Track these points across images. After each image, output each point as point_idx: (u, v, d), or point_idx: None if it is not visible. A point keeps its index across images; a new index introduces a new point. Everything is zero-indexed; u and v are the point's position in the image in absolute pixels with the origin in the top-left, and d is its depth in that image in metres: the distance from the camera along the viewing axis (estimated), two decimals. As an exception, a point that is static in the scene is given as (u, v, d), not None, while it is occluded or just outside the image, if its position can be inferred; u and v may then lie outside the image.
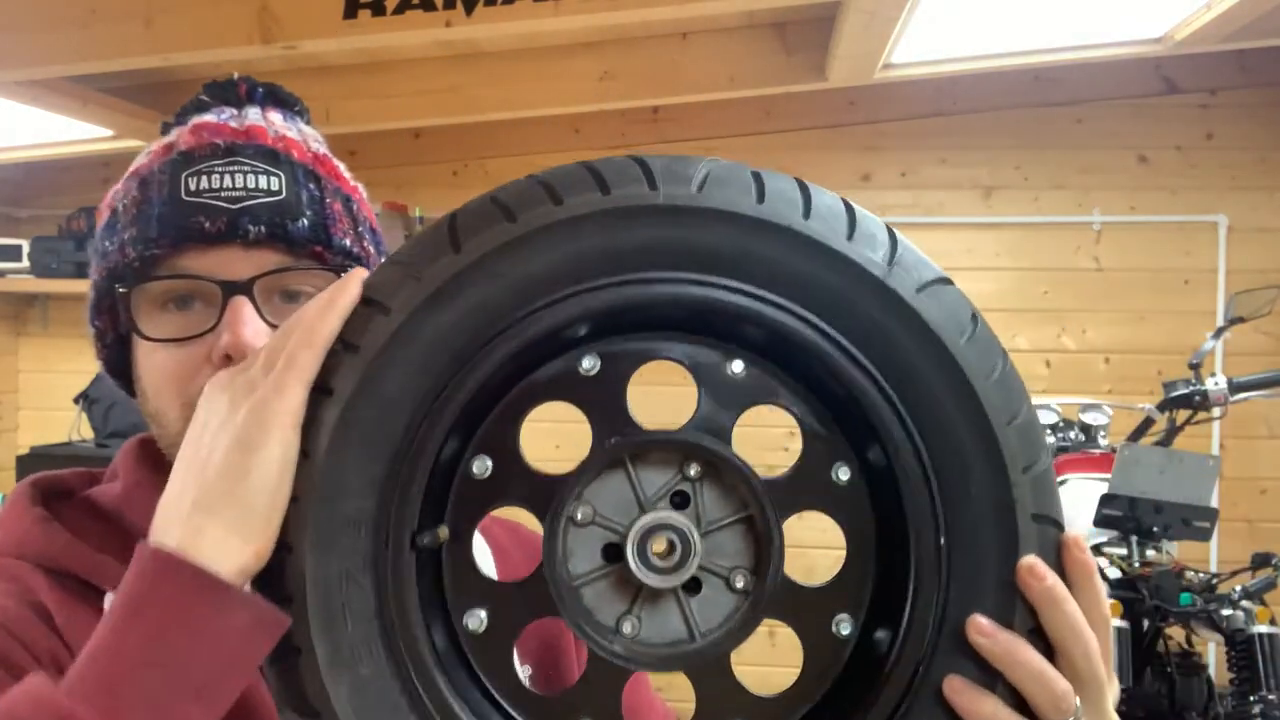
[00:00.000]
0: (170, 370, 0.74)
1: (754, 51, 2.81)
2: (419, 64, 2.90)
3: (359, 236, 0.80)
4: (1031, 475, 0.57)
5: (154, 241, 0.73)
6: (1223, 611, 1.98)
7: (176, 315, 0.74)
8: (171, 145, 0.77)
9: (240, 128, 0.78)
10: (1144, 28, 2.67)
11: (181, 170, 0.74)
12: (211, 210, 0.73)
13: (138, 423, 3.07)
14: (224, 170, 0.74)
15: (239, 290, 0.72)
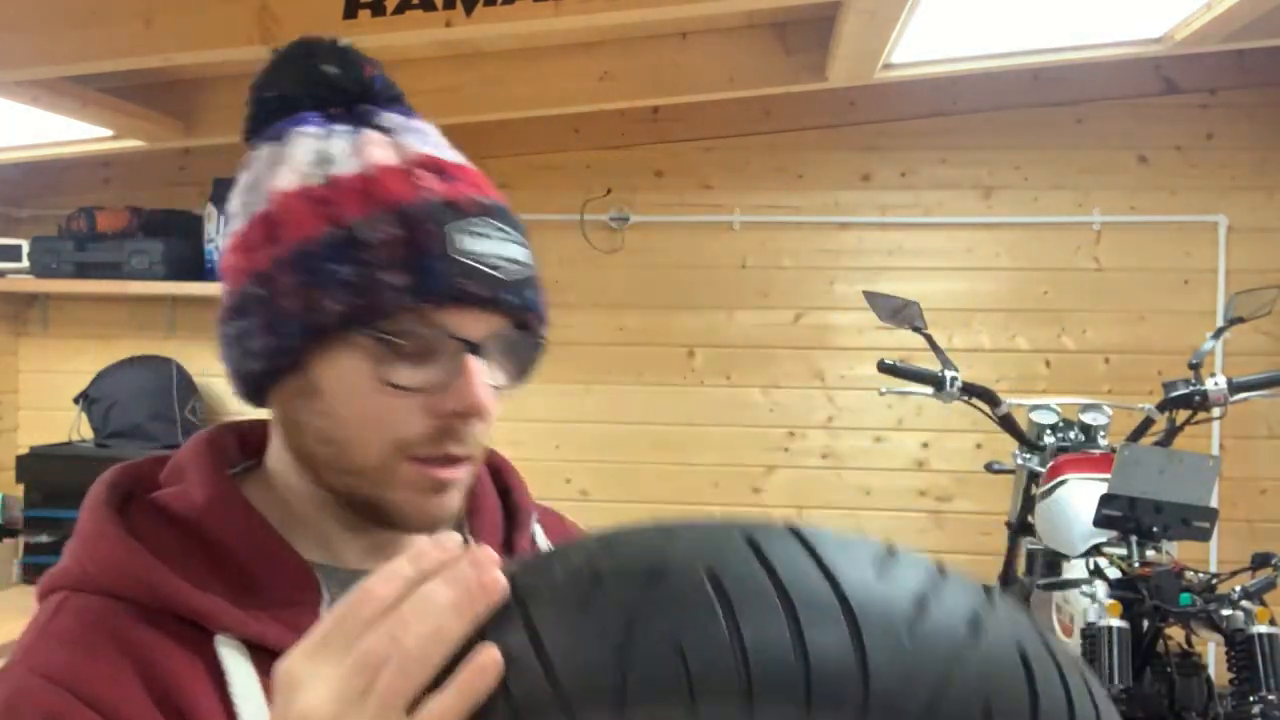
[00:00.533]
0: (385, 412, 0.73)
1: (754, 51, 2.81)
2: (419, 64, 2.90)
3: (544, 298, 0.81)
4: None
5: (428, 296, 0.71)
6: (1222, 611, 1.97)
7: (405, 358, 0.73)
8: (408, 176, 0.74)
9: (458, 165, 0.79)
10: (1144, 28, 2.67)
11: (449, 223, 0.73)
12: (482, 277, 0.73)
13: (138, 423, 3.09)
14: (485, 233, 0.75)
15: (478, 351, 0.73)
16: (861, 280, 3.28)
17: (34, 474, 3.26)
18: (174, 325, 3.64)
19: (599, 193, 3.53)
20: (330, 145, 0.76)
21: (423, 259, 0.71)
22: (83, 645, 0.70)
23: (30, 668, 0.69)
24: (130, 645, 0.70)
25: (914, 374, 2.60)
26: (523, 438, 3.50)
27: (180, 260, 3.36)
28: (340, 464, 0.75)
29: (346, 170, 0.74)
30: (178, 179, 3.64)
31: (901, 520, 3.47)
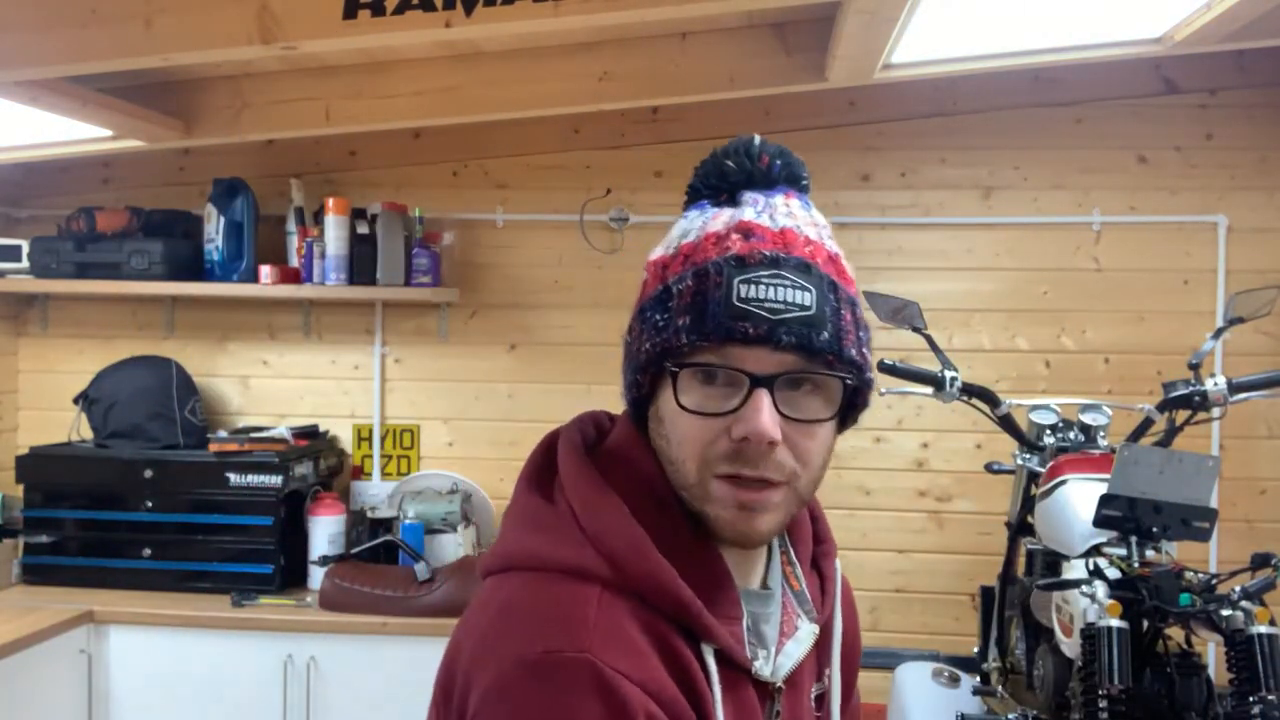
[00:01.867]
0: (695, 434, 0.87)
1: (753, 52, 2.81)
2: (419, 64, 2.90)
3: (859, 343, 0.90)
4: None
5: (706, 335, 0.85)
6: (1222, 612, 1.97)
7: (705, 388, 0.87)
8: (720, 239, 0.88)
9: (776, 230, 0.89)
10: (1144, 28, 2.67)
11: (735, 275, 0.86)
12: (756, 318, 0.84)
13: (138, 423, 3.11)
14: (769, 282, 0.86)
15: (763, 384, 0.84)
16: (861, 280, 3.25)
17: (33, 474, 3.26)
18: (173, 325, 3.64)
19: (599, 193, 3.53)
20: (692, 223, 0.92)
21: (705, 304, 0.86)
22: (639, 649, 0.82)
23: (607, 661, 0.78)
24: (667, 651, 0.83)
25: (914, 374, 2.60)
26: (523, 438, 3.50)
27: (180, 260, 3.36)
28: (678, 481, 0.89)
29: (687, 240, 0.91)
30: (177, 179, 3.64)
31: (901, 520, 3.47)
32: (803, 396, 0.87)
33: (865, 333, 0.92)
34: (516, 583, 0.86)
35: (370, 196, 3.49)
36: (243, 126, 2.99)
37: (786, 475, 0.87)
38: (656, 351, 0.88)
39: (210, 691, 2.99)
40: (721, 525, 0.88)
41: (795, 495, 0.89)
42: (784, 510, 0.89)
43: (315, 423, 3.56)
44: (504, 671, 0.78)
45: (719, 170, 0.95)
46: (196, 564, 3.19)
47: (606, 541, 0.85)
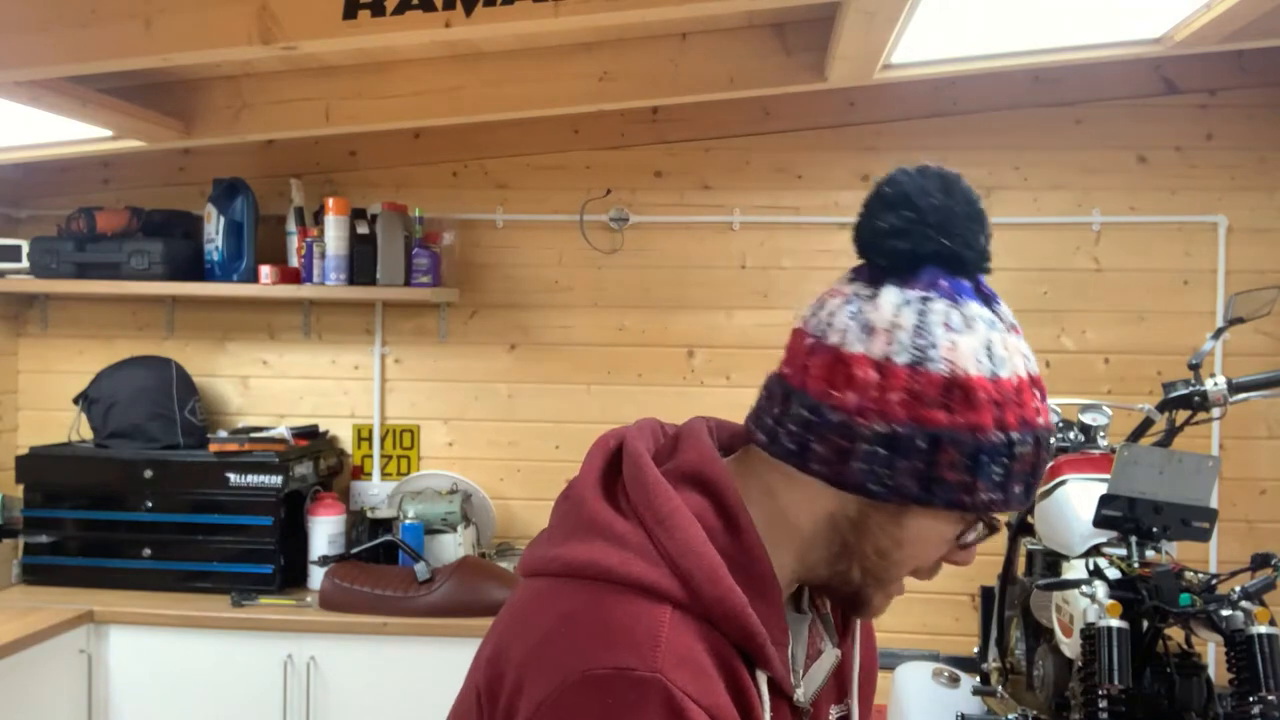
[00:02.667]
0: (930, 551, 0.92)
1: (753, 52, 2.81)
2: (419, 64, 2.90)
3: None
4: None
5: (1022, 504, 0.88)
6: (1222, 612, 1.97)
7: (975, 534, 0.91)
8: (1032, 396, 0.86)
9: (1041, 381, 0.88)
10: (1143, 28, 2.67)
11: (1048, 447, 0.88)
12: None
13: (138, 423, 3.11)
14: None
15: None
16: (861, 280, 3.28)
17: (33, 474, 3.26)
18: (173, 325, 3.64)
19: (599, 193, 3.53)
20: (993, 336, 0.86)
21: (1033, 477, 0.87)
22: (706, 671, 0.80)
23: (676, 682, 0.77)
24: (728, 674, 0.83)
25: (914, 374, 2.59)
26: (523, 438, 3.51)
27: (180, 260, 3.36)
28: (878, 576, 0.91)
29: (1007, 376, 0.85)
30: (177, 179, 3.64)
31: (901, 520, 3.47)
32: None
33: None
34: (583, 594, 0.82)
35: (370, 196, 3.49)
36: (242, 126, 2.99)
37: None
38: (986, 503, 0.86)
39: (210, 691, 2.99)
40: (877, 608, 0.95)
41: None
42: None
43: (315, 423, 3.56)
44: (569, 683, 0.76)
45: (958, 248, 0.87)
46: (196, 564, 3.19)
47: (682, 563, 0.82)
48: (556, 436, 3.53)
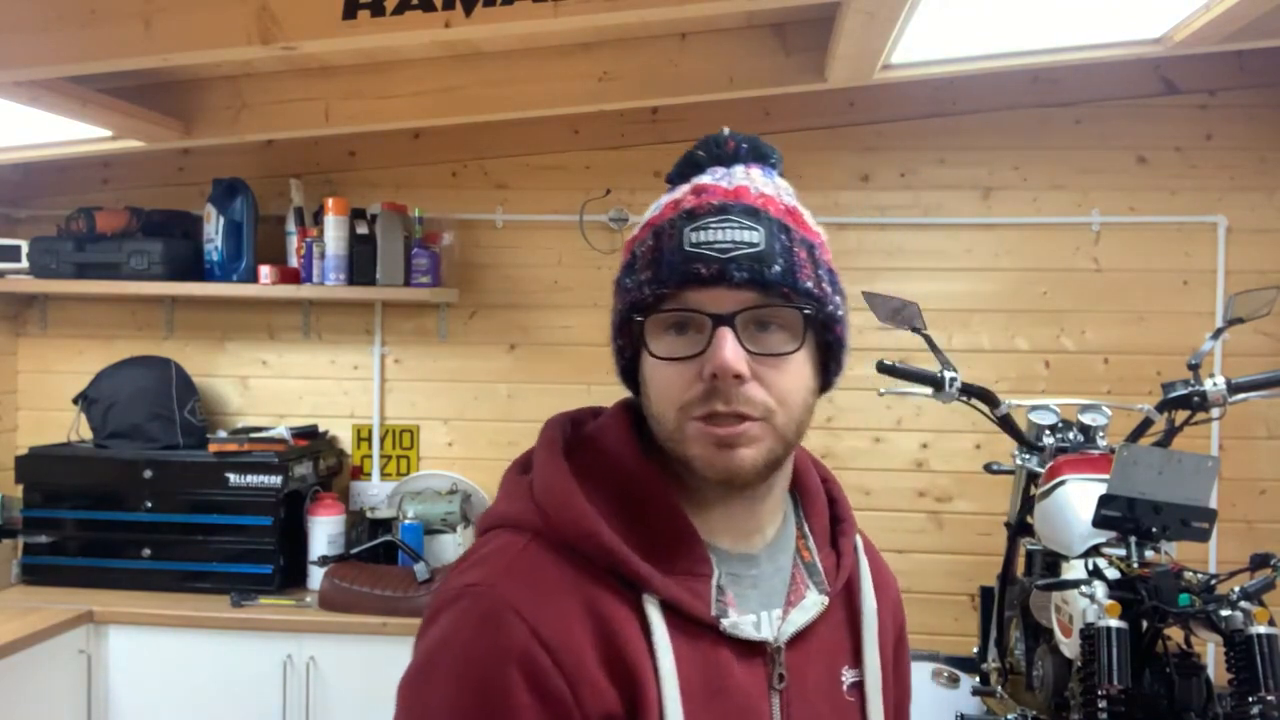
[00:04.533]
0: (670, 381, 0.91)
1: (753, 52, 2.81)
2: (418, 64, 2.90)
3: (818, 279, 0.94)
4: None
5: (664, 282, 0.91)
6: (1221, 612, 1.97)
7: (677, 339, 0.92)
8: (678, 203, 0.95)
9: (730, 188, 0.94)
10: (1143, 28, 2.67)
11: (686, 225, 0.92)
12: (707, 259, 0.90)
13: (137, 423, 3.11)
14: (717, 226, 0.91)
15: (724, 321, 0.89)
16: (861, 281, 3.28)
17: (33, 474, 3.26)
18: (173, 325, 3.64)
19: (598, 193, 3.53)
20: (659, 200, 0.98)
21: (661, 255, 0.92)
22: (547, 590, 0.88)
23: (503, 597, 0.86)
24: (587, 597, 0.88)
25: (913, 374, 2.60)
26: (522, 438, 3.50)
27: (179, 260, 3.36)
28: (661, 434, 0.93)
29: (651, 213, 0.98)
30: (177, 179, 3.64)
31: (901, 521, 3.47)
32: (768, 334, 0.91)
33: (828, 272, 0.96)
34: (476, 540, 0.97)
35: (370, 197, 3.49)
36: (242, 126, 2.99)
37: (761, 411, 0.90)
38: (627, 308, 0.95)
39: (210, 691, 2.99)
40: (703, 465, 0.91)
41: (775, 433, 0.92)
42: (765, 447, 0.91)
43: (315, 423, 3.56)
44: (435, 602, 0.90)
45: (690, 160, 1.00)
46: (196, 564, 3.19)
47: (541, 498, 0.93)
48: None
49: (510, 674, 0.83)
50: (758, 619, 0.95)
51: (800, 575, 1.01)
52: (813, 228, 0.98)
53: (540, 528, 0.91)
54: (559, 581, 0.88)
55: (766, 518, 1.00)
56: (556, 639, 0.84)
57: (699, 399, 0.90)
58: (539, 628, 0.84)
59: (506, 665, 0.83)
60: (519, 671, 0.83)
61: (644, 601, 0.90)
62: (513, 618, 0.85)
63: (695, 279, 0.90)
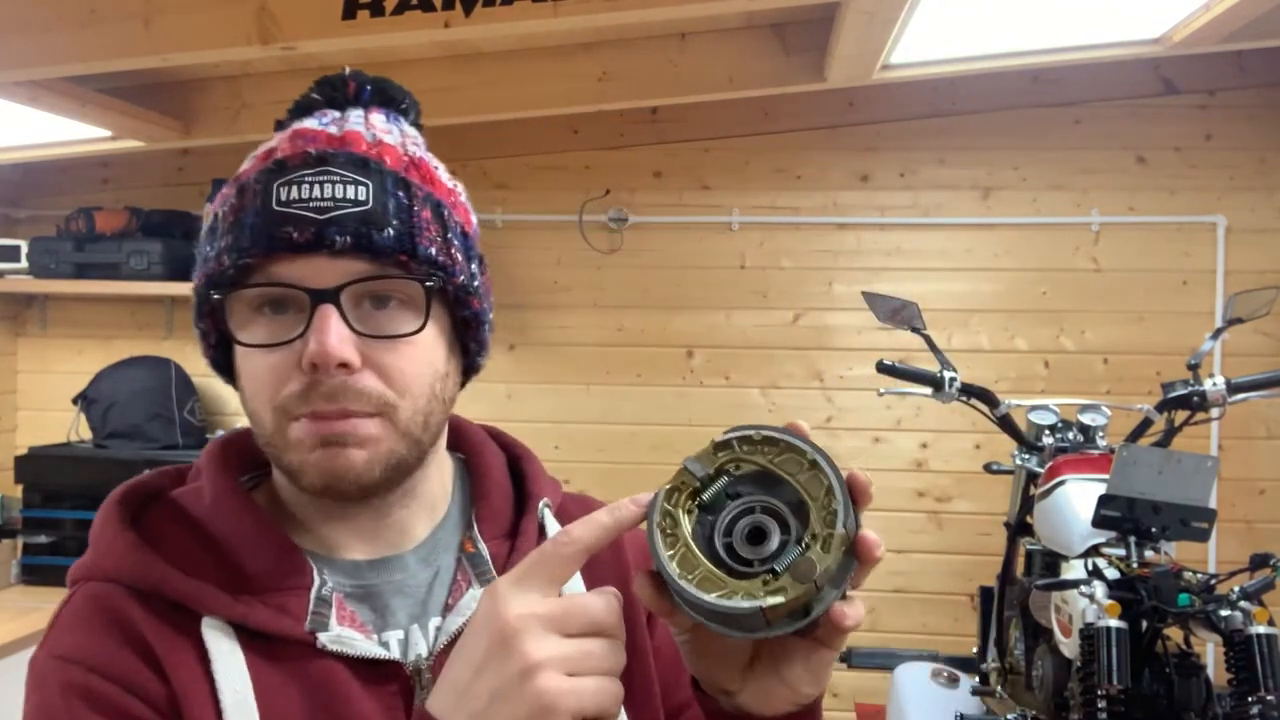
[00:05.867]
0: (263, 374, 0.76)
1: (753, 52, 2.81)
2: (418, 64, 2.90)
3: (446, 244, 0.79)
4: None
5: (246, 250, 0.74)
6: (1221, 612, 1.97)
7: (270, 321, 0.76)
8: (271, 152, 0.78)
9: (338, 134, 0.78)
10: (1143, 28, 2.67)
11: (274, 179, 0.75)
12: (300, 220, 0.74)
13: (137, 423, 3.09)
14: (313, 180, 0.75)
15: (325, 299, 0.73)
16: (860, 281, 3.29)
17: (32, 474, 3.26)
18: (172, 325, 3.64)
19: (598, 193, 3.53)
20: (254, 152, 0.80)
21: (244, 217, 0.75)
22: (89, 625, 0.76)
23: (48, 652, 0.76)
24: (128, 623, 0.75)
25: (913, 375, 2.60)
26: (521, 438, 3.49)
27: (179, 260, 3.36)
28: (260, 438, 0.79)
29: (242, 166, 0.80)
30: (176, 179, 3.64)
31: (900, 521, 3.47)
32: (385, 311, 0.76)
33: (461, 235, 0.81)
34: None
35: (369, 197, 3.49)
36: (242, 126, 2.99)
37: (376, 405, 0.75)
38: (204, 284, 0.78)
39: (209, 692, 2.98)
40: (308, 473, 0.76)
41: (396, 431, 0.77)
42: (384, 449, 0.76)
43: (314, 423, 3.55)
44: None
45: (303, 102, 0.83)
46: (195, 564, 3.19)
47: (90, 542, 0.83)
48: (555, 437, 3.52)
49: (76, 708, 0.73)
50: (405, 634, 0.81)
51: (464, 572, 0.84)
52: (446, 183, 0.82)
53: (88, 570, 0.80)
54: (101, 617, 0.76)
55: (412, 519, 0.85)
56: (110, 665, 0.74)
57: (298, 396, 0.74)
58: (87, 660, 0.74)
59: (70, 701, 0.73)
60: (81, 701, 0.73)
61: (203, 626, 0.75)
62: (49, 662, 0.75)
63: (285, 245, 0.73)
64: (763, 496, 0.63)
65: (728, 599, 0.60)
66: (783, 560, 0.61)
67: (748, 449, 0.65)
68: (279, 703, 0.75)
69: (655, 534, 0.63)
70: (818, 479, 0.63)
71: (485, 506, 0.88)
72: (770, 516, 0.63)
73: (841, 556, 0.61)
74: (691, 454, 0.65)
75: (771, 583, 0.60)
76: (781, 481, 0.63)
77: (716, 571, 0.62)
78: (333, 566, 0.81)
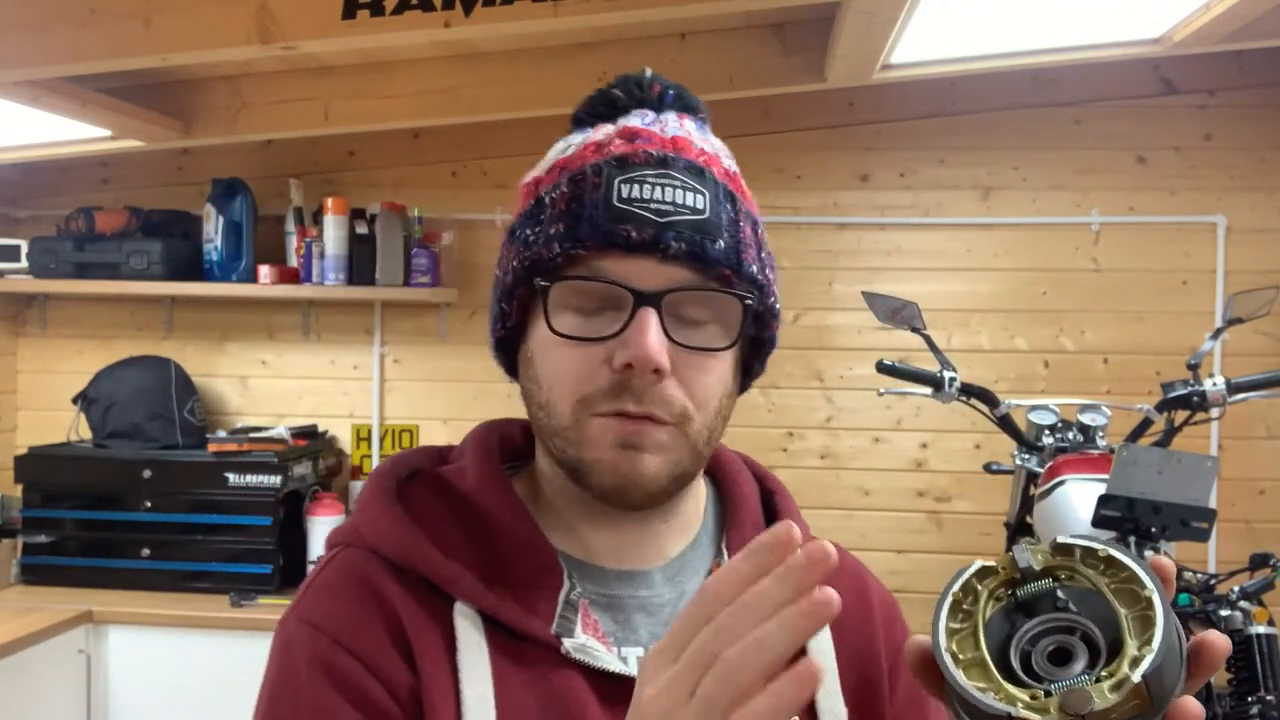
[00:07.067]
0: (569, 367, 0.76)
1: (753, 52, 2.81)
2: (418, 64, 2.90)
3: (763, 264, 0.79)
4: None
5: (582, 242, 0.74)
6: (1221, 612, 1.98)
7: (584, 314, 0.75)
8: (602, 145, 0.78)
9: (667, 137, 0.78)
10: (1143, 28, 2.67)
11: (616, 175, 0.75)
12: (640, 220, 0.73)
13: (137, 423, 3.10)
14: (655, 181, 0.74)
15: (649, 301, 0.73)
16: (860, 281, 3.28)
17: (32, 474, 3.26)
18: (172, 325, 3.64)
19: (598, 193, 3.53)
20: (571, 139, 0.81)
21: (581, 208, 0.74)
22: (342, 595, 0.77)
23: (299, 616, 0.78)
24: (382, 597, 0.76)
25: (913, 374, 2.60)
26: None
27: (179, 260, 3.36)
28: (550, 428, 0.78)
29: (565, 154, 0.80)
30: (176, 179, 3.63)
31: (900, 521, 3.47)
32: (696, 323, 0.76)
33: (769, 256, 0.82)
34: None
35: (369, 197, 3.49)
36: (241, 126, 2.99)
37: (676, 415, 0.75)
38: (525, 268, 0.77)
39: (209, 691, 2.98)
40: (602, 471, 0.75)
41: (687, 443, 0.76)
42: (673, 458, 0.76)
43: (314, 423, 3.56)
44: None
45: (606, 99, 0.84)
46: (195, 564, 3.19)
47: (355, 511, 0.84)
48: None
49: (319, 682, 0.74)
50: (645, 652, 0.77)
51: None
52: (753, 200, 0.83)
53: (352, 539, 0.81)
54: (353, 583, 0.77)
55: (668, 536, 0.83)
56: (350, 638, 0.74)
57: (604, 393, 0.74)
58: (336, 633, 0.75)
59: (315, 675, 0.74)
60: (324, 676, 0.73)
61: (455, 610, 0.75)
62: (297, 625, 0.77)
63: (621, 243, 0.72)
64: (1085, 620, 0.57)
65: (981, 692, 0.55)
66: (1063, 684, 0.55)
67: (1089, 562, 0.59)
68: (518, 706, 0.73)
69: (946, 601, 0.59)
70: (1147, 618, 0.56)
71: (738, 534, 0.86)
72: (1085, 645, 0.56)
73: (1132, 711, 0.53)
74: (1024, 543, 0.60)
75: (1039, 699, 0.54)
76: (1111, 612, 0.57)
77: (990, 665, 0.56)
78: (581, 571, 0.80)
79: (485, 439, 0.86)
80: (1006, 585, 0.59)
